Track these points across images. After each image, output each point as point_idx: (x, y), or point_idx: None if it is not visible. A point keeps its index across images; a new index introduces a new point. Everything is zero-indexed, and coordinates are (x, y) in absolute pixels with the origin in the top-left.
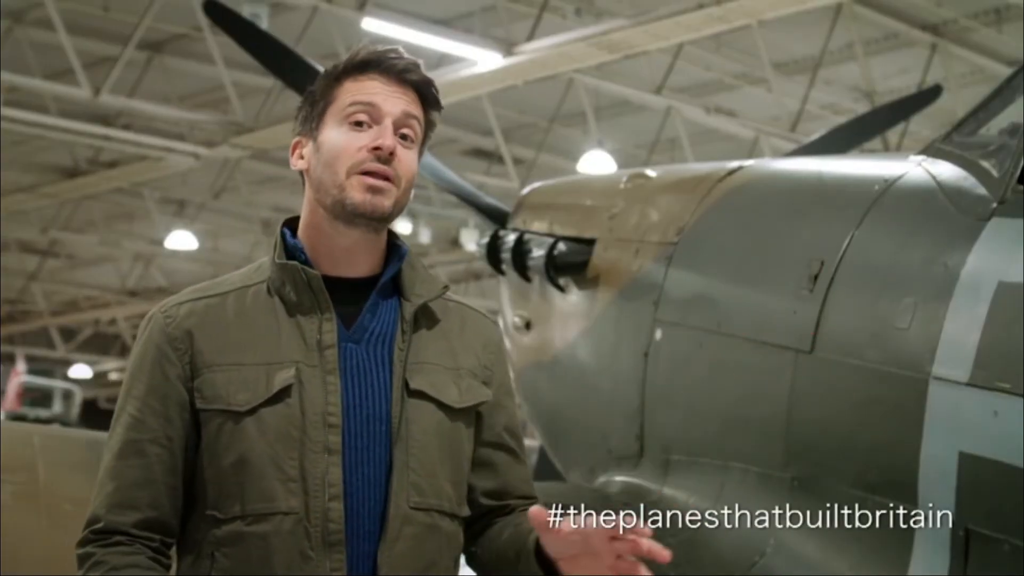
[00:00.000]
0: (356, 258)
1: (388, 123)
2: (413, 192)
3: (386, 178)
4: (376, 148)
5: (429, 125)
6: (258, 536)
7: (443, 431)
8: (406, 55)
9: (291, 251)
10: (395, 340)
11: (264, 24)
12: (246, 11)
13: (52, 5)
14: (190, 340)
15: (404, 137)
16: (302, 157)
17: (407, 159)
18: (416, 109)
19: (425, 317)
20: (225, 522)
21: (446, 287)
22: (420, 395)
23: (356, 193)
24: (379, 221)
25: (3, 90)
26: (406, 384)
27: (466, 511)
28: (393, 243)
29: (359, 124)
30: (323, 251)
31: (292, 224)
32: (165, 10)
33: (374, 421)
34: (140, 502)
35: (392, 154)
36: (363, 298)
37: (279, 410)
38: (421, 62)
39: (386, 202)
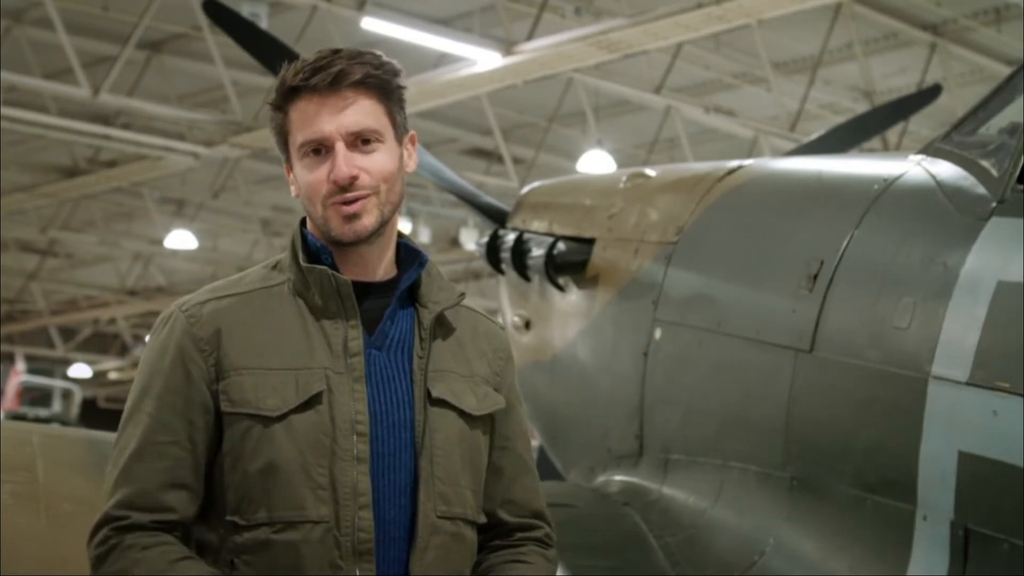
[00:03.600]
0: (366, 265)
1: (339, 147)
2: (406, 189)
3: (355, 199)
4: (333, 181)
5: (392, 104)
6: (286, 544)
7: (464, 439)
8: (337, 57)
9: (314, 253)
10: (413, 347)
11: (264, 24)
12: (245, 11)
13: (51, 5)
14: (217, 341)
15: (365, 141)
16: (294, 184)
17: (372, 164)
18: (367, 108)
19: (441, 325)
20: (247, 528)
21: (463, 295)
22: (442, 403)
23: (335, 224)
24: (369, 238)
25: (3, 89)
26: (428, 393)
27: (483, 518)
28: (410, 247)
29: (316, 152)
30: (337, 258)
31: (306, 224)
32: (164, 9)
33: (398, 428)
34: (164, 504)
35: (354, 177)
36: (378, 302)
37: (310, 417)
38: (361, 52)
39: (367, 221)
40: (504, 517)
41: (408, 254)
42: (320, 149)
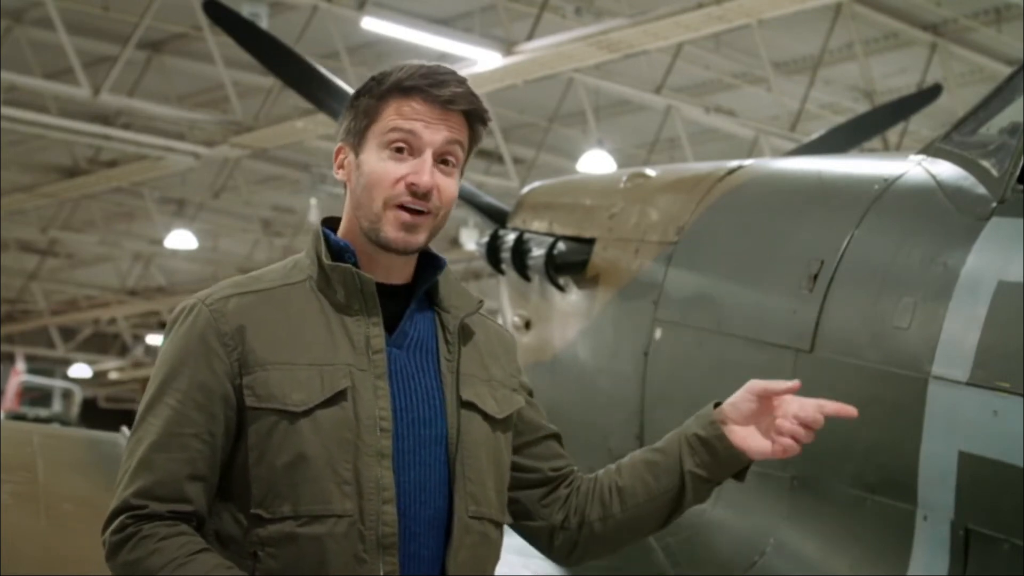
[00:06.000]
0: (391, 270)
1: (428, 155)
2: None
3: (422, 212)
4: (413, 184)
5: (474, 139)
6: (312, 538)
7: (488, 441)
8: (454, 78)
9: (337, 252)
10: (439, 350)
11: (264, 23)
12: (246, 10)
13: (52, 5)
14: (241, 336)
15: (445, 162)
16: (343, 167)
17: (446, 186)
18: (460, 132)
19: (463, 330)
20: (272, 522)
21: (481, 302)
22: (470, 406)
23: (390, 228)
24: (412, 253)
25: (3, 90)
26: (459, 396)
27: (508, 519)
28: (427, 251)
29: (399, 151)
30: (362, 258)
31: (329, 224)
32: (165, 9)
33: (419, 425)
34: (184, 495)
35: (431, 189)
36: (396, 304)
37: (334, 413)
38: (467, 80)
39: (420, 237)
40: (558, 472)
41: (425, 258)
42: (405, 148)
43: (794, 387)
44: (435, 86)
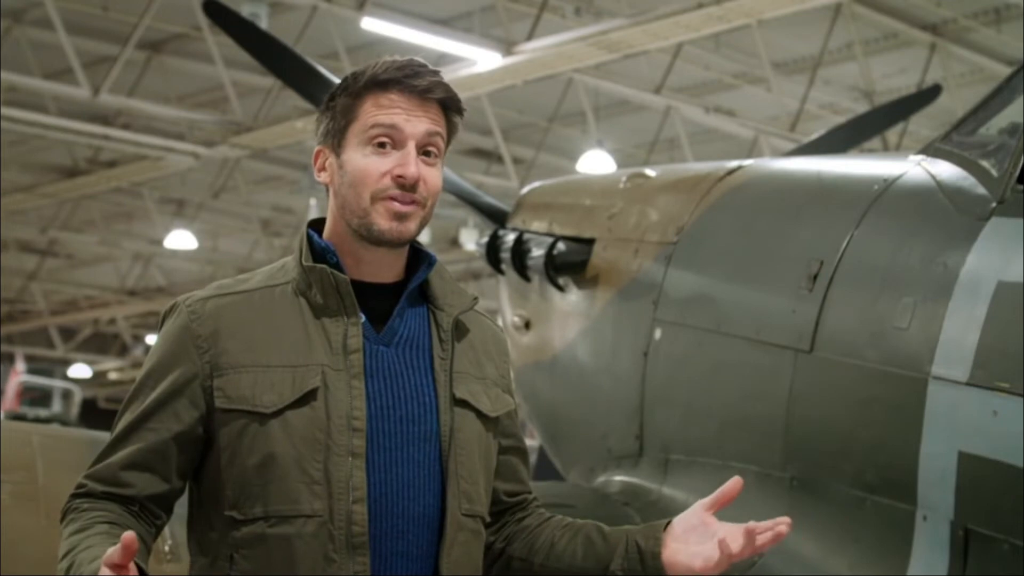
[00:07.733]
0: (380, 267)
1: (411, 147)
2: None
3: (411, 202)
4: (400, 176)
5: (452, 130)
6: (281, 538)
7: (480, 439)
8: (427, 69)
9: (319, 253)
10: (432, 347)
11: (264, 24)
12: (245, 11)
13: (51, 5)
14: (215, 339)
15: (427, 154)
16: (324, 169)
17: (431, 177)
18: (439, 123)
19: (457, 327)
20: (245, 523)
21: (476, 299)
22: (463, 404)
23: (382, 220)
24: (404, 244)
25: (3, 89)
26: (452, 393)
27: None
28: (418, 249)
29: (382, 146)
30: (348, 258)
31: (316, 226)
32: (164, 10)
33: (407, 423)
34: (119, 480)
35: (416, 180)
36: (388, 303)
37: (304, 413)
38: (441, 72)
39: (412, 226)
40: (516, 500)
41: (415, 255)
42: (386, 143)
43: (734, 488)
44: (411, 77)
